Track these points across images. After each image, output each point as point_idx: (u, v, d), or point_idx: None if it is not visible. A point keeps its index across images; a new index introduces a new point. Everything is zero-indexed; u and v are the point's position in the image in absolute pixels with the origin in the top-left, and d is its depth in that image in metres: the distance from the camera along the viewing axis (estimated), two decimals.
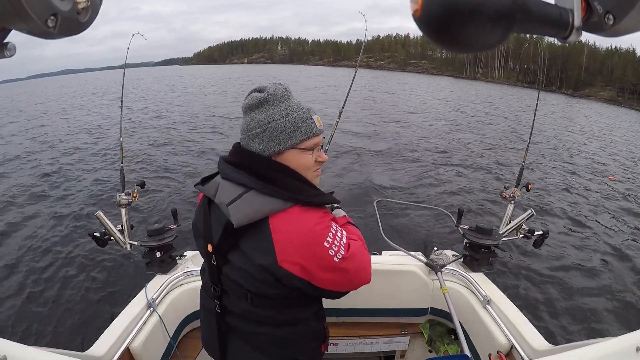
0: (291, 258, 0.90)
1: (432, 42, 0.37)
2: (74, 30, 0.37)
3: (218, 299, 1.04)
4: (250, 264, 0.94)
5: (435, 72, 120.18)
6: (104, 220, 1.77)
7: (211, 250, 1.01)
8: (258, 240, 0.92)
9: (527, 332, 1.44)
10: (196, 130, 12.57)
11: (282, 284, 0.94)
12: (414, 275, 1.80)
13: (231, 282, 1.01)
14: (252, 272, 0.95)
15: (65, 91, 38.48)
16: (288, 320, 1.03)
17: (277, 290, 0.96)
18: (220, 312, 1.05)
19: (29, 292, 3.80)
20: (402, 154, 9.72)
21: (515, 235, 1.97)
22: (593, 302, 3.99)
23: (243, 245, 0.95)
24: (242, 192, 0.93)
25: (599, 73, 77.79)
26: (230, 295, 1.03)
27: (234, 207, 0.91)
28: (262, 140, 0.96)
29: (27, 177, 7.73)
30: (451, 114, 19.05)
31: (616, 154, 12.75)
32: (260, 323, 1.01)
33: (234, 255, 0.98)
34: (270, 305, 0.99)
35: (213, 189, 0.99)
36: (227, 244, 0.98)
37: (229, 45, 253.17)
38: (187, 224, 1.28)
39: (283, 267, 0.91)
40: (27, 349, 0.89)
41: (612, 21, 0.37)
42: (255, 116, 0.97)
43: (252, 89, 1.01)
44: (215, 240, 1.00)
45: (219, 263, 1.01)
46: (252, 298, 0.98)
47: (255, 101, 0.97)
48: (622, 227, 6.04)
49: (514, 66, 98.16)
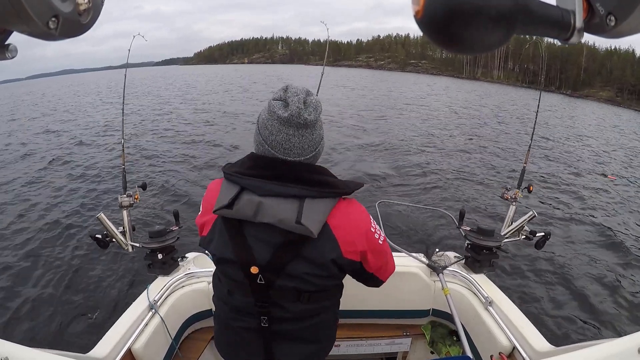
0: (352, 248, 0.97)
1: (434, 43, 0.37)
2: (76, 31, 0.37)
3: (265, 314, 1.02)
4: (314, 265, 0.96)
5: (435, 72, 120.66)
6: (106, 222, 1.77)
7: (256, 271, 0.97)
8: (323, 241, 0.94)
9: (529, 333, 1.43)
10: (197, 130, 12.57)
11: (341, 273, 1.02)
12: (416, 276, 1.80)
13: (284, 292, 0.99)
14: (316, 273, 0.97)
15: (65, 91, 38.55)
16: (326, 307, 1.09)
17: (334, 282, 1.05)
18: (267, 326, 1.03)
19: (30, 294, 3.80)
20: (403, 155, 9.71)
21: (517, 236, 1.96)
22: (595, 303, 3.97)
23: (306, 252, 0.95)
24: (299, 204, 0.92)
25: (598, 73, 78.15)
26: (281, 304, 1.01)
27: (307, 220, 0.89)
28: (315, 158, 1.01)
29: (27, 177, 7.75)
30: (452, 114, 19.03)
31: (616, 152, 12.75)
32: (306, 317, 1.05)
33: (293, 265, 0.96)
34: (317, 299, 1.04)
35: (250, 209, 0.92)
36: (286, 259, 0.96)
37: (229, 45, 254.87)
38: (189, 226, 1.28)
39: (347, 257, 0.97)
40: (29, 350, 0.89)
41: (614, 22, 0.37)
42: (307, 135, 0.95)
43: (292, 96, 0.93)
44: (262, 260, 0.96)
45: (269, 281, 0.98)
46: (308, 297, 1.01)
47: (308, 121, 0.93)
48: (624, 227, 6.01)
49: (514, 66, 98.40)
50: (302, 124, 0.92)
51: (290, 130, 0.92)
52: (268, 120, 0.94)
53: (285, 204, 0.92)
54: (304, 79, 36.68)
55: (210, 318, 1.87)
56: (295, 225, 0.90)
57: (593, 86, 75.96)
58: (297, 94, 0.93)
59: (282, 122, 0.92)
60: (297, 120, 0.91)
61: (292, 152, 0.94)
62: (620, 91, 69.85)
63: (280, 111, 0.92)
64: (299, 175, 0.94)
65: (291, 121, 0.91)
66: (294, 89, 0.94)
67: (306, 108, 0.93)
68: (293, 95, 0.92)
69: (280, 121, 0.92)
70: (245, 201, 0.93)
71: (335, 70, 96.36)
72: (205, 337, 1.87)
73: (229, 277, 1.04)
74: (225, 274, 1.05)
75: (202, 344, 1.83)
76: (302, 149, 0.95)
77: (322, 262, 0.96)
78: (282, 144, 0.93)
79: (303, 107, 0.92)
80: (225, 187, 0.99)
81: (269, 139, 0.94)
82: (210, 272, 1.81)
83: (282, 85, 0.97)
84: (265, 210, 0.92)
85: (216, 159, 8.92)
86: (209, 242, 1.04)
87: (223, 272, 1.06)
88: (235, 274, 1.01)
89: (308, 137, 0.95)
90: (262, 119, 0.97)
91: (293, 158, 0.95)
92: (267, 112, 0.96)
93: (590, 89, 74.94)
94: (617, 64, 76.45)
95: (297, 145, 0.94)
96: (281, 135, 0.93)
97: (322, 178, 0.96)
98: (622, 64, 75.63)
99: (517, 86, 76.46)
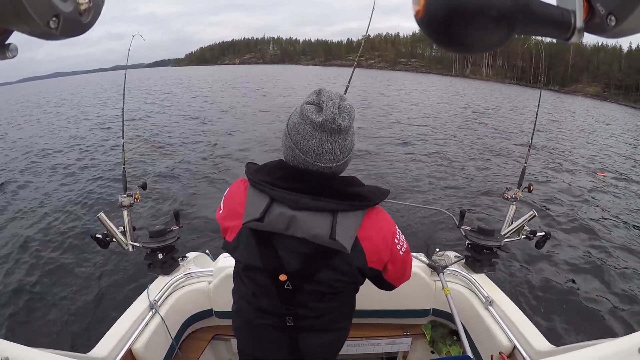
0: (376, 257, 0.98)
1: (434, 43, 0.37)
2: (76, 31, 0.37)
3: (291, 315, 1.04)
4: (341, 273, 0.97)
5: (424, 70, 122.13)
6: (106, 222, 1.77)
7: (285, 279, 0.98)
8: (351, 253, 0.93)
9: (529, 333, 1.43)
10: (196, 130, 12.59)
11: (363, 278, 1.04)
12: (416, 276, 1.80)
13: (310, 295, 1.01)
14: (342, 279, 0.99)
15: (65, 93, 38.56)
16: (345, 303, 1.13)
17: (356, 285, 1.08)
18: (293, 325, 1.06)
19: (30, 294, 3.81)
20: (403, 155, 9.73)
21: (517, 236, 1.96)
22: (595, 302, 3.97)
23: (334, 262, 0.96)
24: (332, 219, 0.91)
25: (585, 69, 79.69)
26: (306, 304, 1.03)
27: (341, 236, 0.89)
28: (345, 164, 0.99)
29: (27, 177, 7.77)
30: (450, 113, 19.03)
31: (609, 147, 12.78)
32: (327, 314, 1.07)
33: (322, 273, 0.97)
34: (339, 298, 1.07)
35: (282, 223, 0.91)
36: (315, 268, 0.97)
37: (220, 46, 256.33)
38: (189, 226, 1.27)
39: (371, 266, 0.99)
40: (29, 350, 0.89)
41: (614, 22, 0.37)
42: (340, 141, 0.93)
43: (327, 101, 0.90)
44: (291, 269, 0.97)
45: (297, 287, 0.99)
46: (330, 298, 1.03)
47: (342, 127, 0.90)
48: (624, 227, 6.02)
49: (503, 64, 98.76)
50: (336, 129, 0.89)
51: (324, 136, 0.89)
52: (300, 124, 0.91)
53: (318, 219, 0.90)
54: (297, 79, 36.76)
55: (211, 318, 1.87)
56: (330, 241, 0.89)
57: (580, 82, 77.58)
58: (331, 98, 0.90)
59: (315, 127, 0.89)
60: (331, 125, 0.88)
61: (324, 157, 0.92)
62: (607, 86, 71.40)
63: (313, 115, 0.89)
64: (333, 189, 0.92)
65: (325, 126, 0.88)
66: (328, 93, 0.91)
67: (340, 113, 0.90)
68: (328, 100, 0.89)
69: (314, 126, 0.89)
70: (277, 215, 0.91)
71: (325, 70, 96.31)
72: (206, 336, 1.87)
73: (255, 282, 1.03)
74: (250, 279, 1.04)
75: (202, 343, 1.83)
76: (334, 154, 0.92)
77: (348, 271, 0.97)
78: (314, 149, 0.90)
79: (337, 112, 0.89)
80: (253, 196, 0.96)
81: (300, 143, 0.91)
82: (210, 272, 1.81)
83: (315, 89, 0.95)
84: (298, 224, 0.90)
85: (216, 158, 8.93)
86: (234, 249, 1.02)
87: (248, 277, 1.04)
88: (262, 280, 1.00)
89: (341, 144, 0.92)
90: (292, 123, 0.94)
91: (324, 164, 0.92)
92: (299, 116, 0.92)
93: (577, 85, 76.53)
94: (604, 59, 77.89)
95: (329, 151, 0.91)
96: (314, 141, 0.90)
97: (354, 190, 0.94)
98: (609, 59, 77.06)
99: (507, 83, 76.87)
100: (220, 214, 1.07)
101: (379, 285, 1.13)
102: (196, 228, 4.95)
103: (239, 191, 1.02)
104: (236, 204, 1.00)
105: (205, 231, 4.86)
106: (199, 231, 4.86)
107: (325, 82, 37.40)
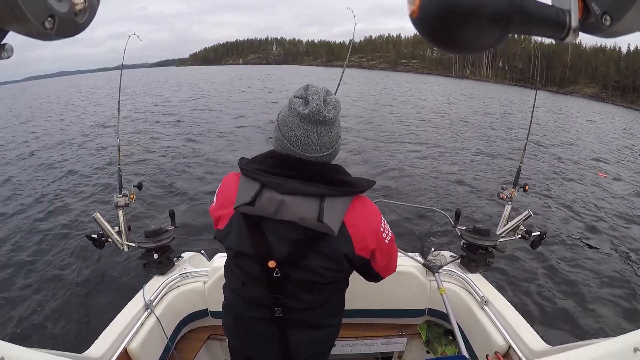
0: (363, 245, 1.02)
1: (429, 43, 0.37)
2: (72, 31, 0.37)
3: (279, 305, 1.06)
4: (328, 260, 1.00)
5: (425, 71, 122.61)
6: (102, 222, 1.76)
7: (274, 265, 1.01)
8: (338, 238, 0.97)
9: (525, 332, 1.44)
10: (194, 130, 12.53)
11: (351, 267, 1.06)
12: (412, 276, 1.80)
13: (298, 284, 1.03)
14: (329, 266, 1.01)
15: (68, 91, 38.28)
16: (334, 297, 1.16)
17: (344, 275, 1.11)
18: (281, 316, 1.08)
19: (25, 294, 3.78)
20: (398, 154, 9.74)
21: (513, 236, 1.96)
22: (591, 302, 4.00)
23: (322, 247, 0.99)
24: (319, 203, 0.95)
25: (583, 71, 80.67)
26: (295, 295, 1.05)
27: (328, 219, 0.93)
28: (332, 156, 1.02)
29: (26, 177, 7.71)
30: (447, 113, 19.07)
31: (608, 146, 12.85)
32: (316, 307, 1.10)
33: (309, 259, 1.00)
34: (327, 290, 1.09)
35: (271, 206, 0.95)
36: (303, 254, 1.00)
37: (224, 46, 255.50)
38: (184, 225, 1.27)
39: (359, 254, 1.02)
40: (25, 350, 0.89)
41: (609, 22, 0.37)
42: (325, 132, 0.97)
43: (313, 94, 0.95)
44: (279, 255, 1.00)
45: (285, 274, 1.02)
46: (319, 289, 1.05)
47: (327, 119, 0.95)
48: (620, 226, 6.06)
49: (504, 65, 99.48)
50: (321, 121, 0.94)
51: (310, 127, 0.94)
52: (288, 116, 0.97)
53: (307, 203, 0.95)
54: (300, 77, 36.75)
55: (206, 318, 1.86)
56: (317, 224, 0.93)
57: (578, 83, 78.55)
58: (317, 92, 0.95)
59: (301, 118, 0.94)
60: (316, 117, 0.93)
61: (310, 148, 0.96)
62: (604, 87, 72.25)
63: (300, 108, 0.94)
64: (321, 175, 0.97)
65: (311, 118, 0.93)
66: (314, 88, 0.97)
67: (326, 106, 0.95)
68: (314, 94, 0.95)
69: (300, 117, 0.94)
70: (267, 199, 0.96)
71: (326, 70, 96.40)
72: (201, 336, 1.87)
73: (245, 270, 1.06)
74: (240, 267, 1.08)
75: (197, 343, 1.83)
76: (319, 145, 0.97)
77: (335, 257, 1.00)
78: (301, 140, 0.95)
79: (323, 105, 0.94)
80: (245, 184, 1.01)
81: (288, 134, 0.96)
82: (205, 272, 1.81)
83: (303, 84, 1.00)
84: (287, 208, 0.95)
85: (213, 158, 8.90)
86: (225, 235, 1.05)
87: (239, 265, 1.08)
88: (252, 267, 1.04)
89: (326, 135, 0.97)
90: (282, 116, 0.99)
91: (310, 154, 0.97)
92: (287, 109, 0.98)
93: (575, 86, 77.39)
94: (602, 61, 78.55)
95: (315, 142, 0.96)
96: (300, 131, 0.95)
97: (341, 177, 1.00)
98: (607, 61, 77.66)
99: (506, 84, 77.38)
100: (213, 206, 1.11)
101: (366, 277, 1.16)
102: (192, 228, 4.93)
103: (232, 182, 1.06)
104: (228, 193, 1.05)
105: (201, 231, 4.85)
106: (195, 231, 4.85)
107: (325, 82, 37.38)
